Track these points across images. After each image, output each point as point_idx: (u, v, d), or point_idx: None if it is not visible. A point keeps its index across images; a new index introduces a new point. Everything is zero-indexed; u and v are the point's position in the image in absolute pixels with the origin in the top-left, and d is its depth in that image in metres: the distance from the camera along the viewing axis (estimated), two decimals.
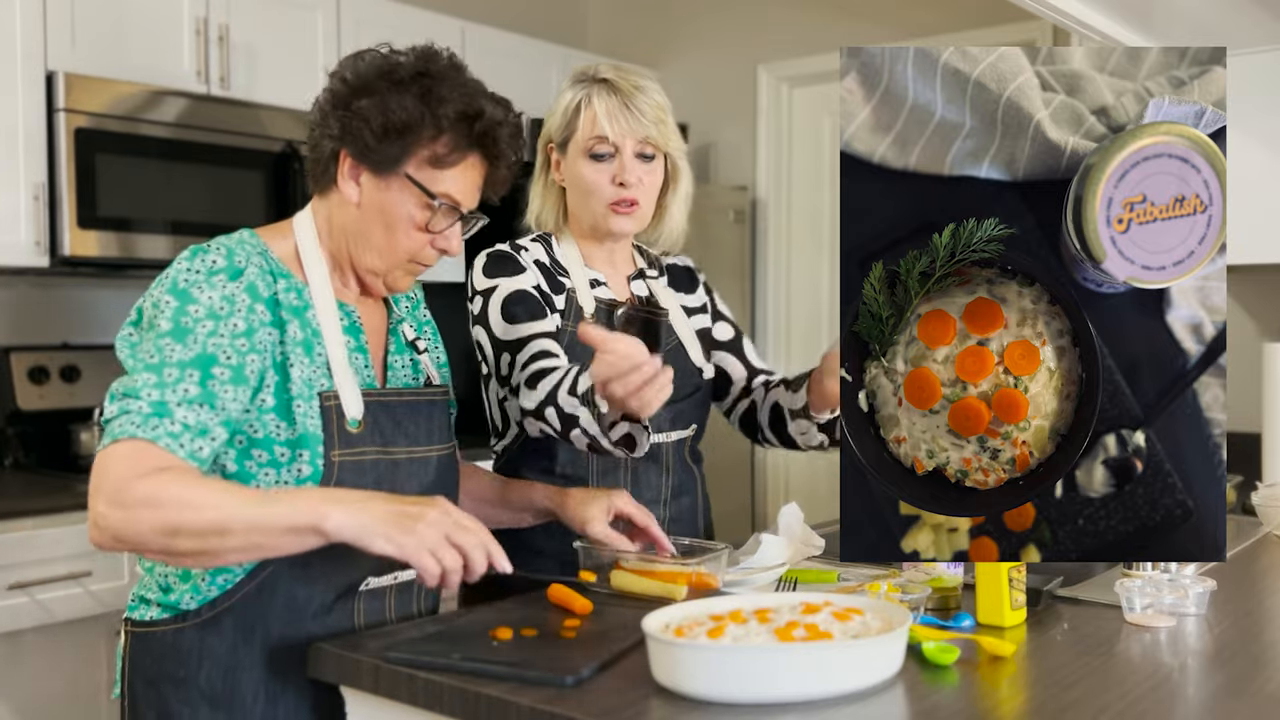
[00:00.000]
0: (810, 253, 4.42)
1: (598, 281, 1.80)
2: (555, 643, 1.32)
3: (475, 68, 1.49)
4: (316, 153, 1.45)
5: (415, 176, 1.41)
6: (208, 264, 1.36)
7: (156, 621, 1.40)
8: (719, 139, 4.57)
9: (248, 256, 1.39)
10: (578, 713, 1.11)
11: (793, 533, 1.82)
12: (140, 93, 2.93)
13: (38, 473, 2.98)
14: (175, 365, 1.30)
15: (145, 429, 1.26)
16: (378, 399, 1.44)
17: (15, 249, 2.78)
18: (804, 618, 1.23)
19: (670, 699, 1.15)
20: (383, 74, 1.40)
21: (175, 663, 1.38)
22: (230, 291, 1.35)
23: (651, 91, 1.74)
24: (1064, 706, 1.15)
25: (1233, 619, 1.49)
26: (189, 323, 1.32)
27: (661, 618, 1.25)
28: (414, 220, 1.42)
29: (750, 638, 1.19)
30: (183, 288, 1.34)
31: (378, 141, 1.39)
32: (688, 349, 1.85)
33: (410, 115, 1.38)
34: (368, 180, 1.42)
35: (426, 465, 1.49)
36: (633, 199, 1.72)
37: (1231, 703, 1.18)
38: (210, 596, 1.38)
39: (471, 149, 1.43)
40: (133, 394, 1.28)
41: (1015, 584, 1.43)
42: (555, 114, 1.76)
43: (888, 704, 1.15)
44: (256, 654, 1.39)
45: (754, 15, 4.44)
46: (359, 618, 1.45)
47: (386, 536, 1.24)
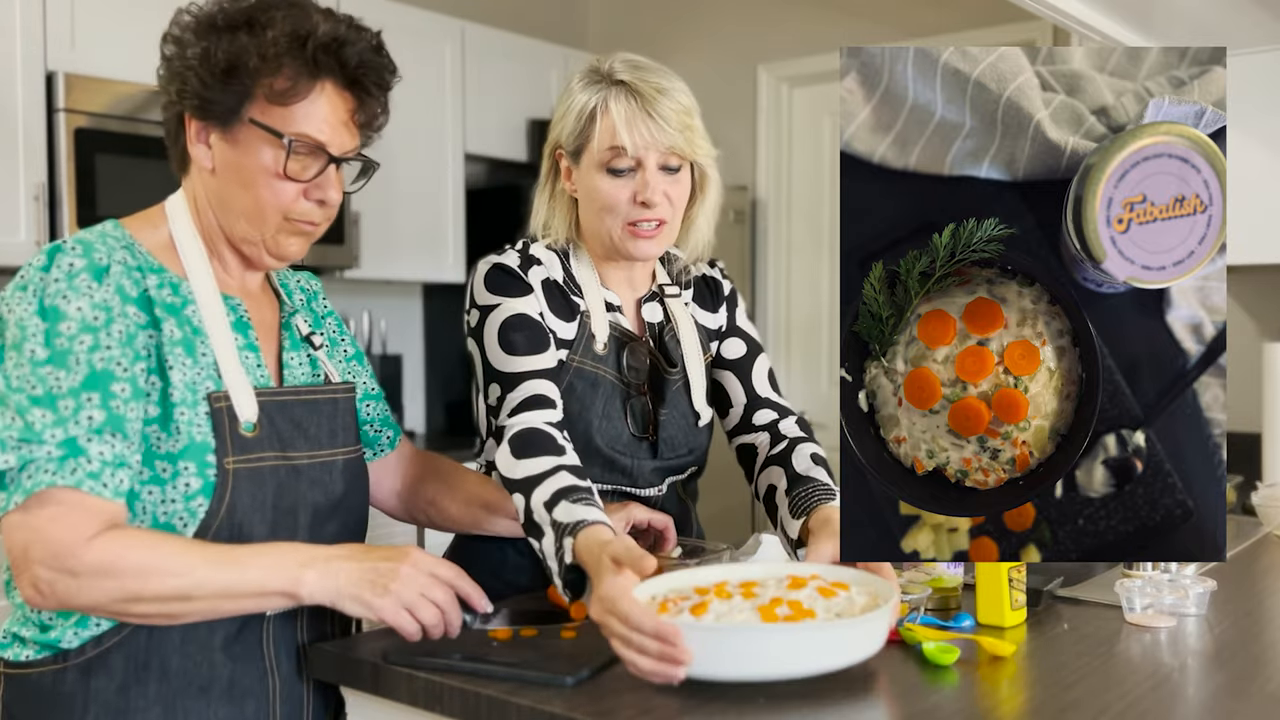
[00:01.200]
0: (810, 253, 4.42)
1: (611, 305, 1.65)
2: (555, 643, 1.32)
3: (475, 68, 1.48)
4: (165, 126, 1.35)
5: (261, 120, 1.27)
6: (65, 267, 1.21)
7: (33, 662, 1.25)
8: (719, 139, 4.53)
9: (109, 251, 1.25)
10: (578, 713, 1.11)
11: None
12: (140, 93, 2.92)
13: None
14: (68, 394, 1.17)
15: (62, 474, 1.15)
16: (273, 399, 1.32)
17: (15, 249, 2.78)
18: (789, 593, 1.23)
19: (670, 699, 1.15)
20: (209, 21, 1.28)
21: (57, 708, 1.24)
22: (101, 297, 1.21)
23: (676, 94, 1.55)
24: (1064, 706, 1.15)
25: (1233, 619, 1.49)
26: (64, 343, 1.18)
27: (648, 589, 1.24)
28: (271, 169, 1.28)
29: (733, 614, 1.19)
30: (49, 304, 1.19)
31: (209, 90, 1.25)
32: (692, 393, 1.68)
33: (235, 52, 1.25)
34: (217, 141, 1.30)
35: (331, 470, 1.37)
36: (657, 219, 1.55)
37: (1231, 703, 1.18)
38: (95, 633, 1.24)
39: (319, 75, 1.27)
40: (33, 439, 1.15)
41: (1015, 584, 1.43)
42: (567, 118, 1.57)
43: (887, 704, 1.16)
44: (150, 693, 1.25)
45: (754, 15, 4.44)
46: (269, 645, 1.33)
47: (360, 600, 1.21)
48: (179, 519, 1.25)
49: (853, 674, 1.23)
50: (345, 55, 1.28)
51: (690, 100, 1.58)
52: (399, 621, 1.21)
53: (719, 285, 1.80)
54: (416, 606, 1.22)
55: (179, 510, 1.25)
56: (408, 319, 4.21)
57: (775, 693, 1.17)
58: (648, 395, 1.65)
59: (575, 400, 1.58)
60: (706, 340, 1.74)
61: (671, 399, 1.66)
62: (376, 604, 1.21)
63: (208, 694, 1.29)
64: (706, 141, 1.61)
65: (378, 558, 1.23)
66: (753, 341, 1.78)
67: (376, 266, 3.74)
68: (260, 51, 1.25)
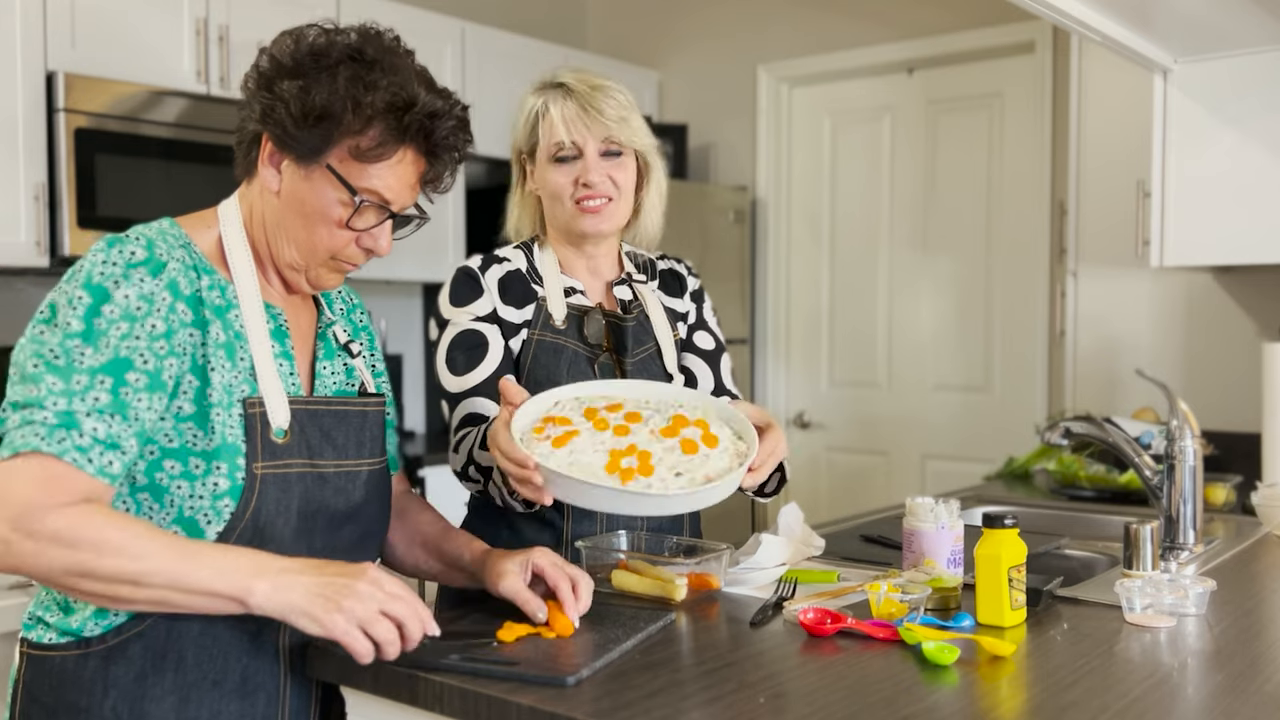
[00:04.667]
0: (810, 252, 4.42)
1: (573, 290, 1.77)
2: (555, 643, 1.32)
3: (475, 68, 1.49)
4: (240, 135, 1.36)
5: (338, 169, 1.30)
6: (126, 255, 1.24)
7: (55, 646, 1.28)
8: (719, 139, 4.57)
9: (169, 249, 1.27)
10: (578, 713, 1.11)
11: (793, 533, 1.82)
12: (140, 93, 2.93)
13: None
14: (85, 371, 1.19)
15: (50, 442, 1.16)
16: (305, 407, 1.34)
17: (15, 249, 2.79)
18: (652, 441, 1.40)
19: (670, 699, 1.15)
20: (313, 54, 1.30)
21: (76, 691, 1.27)
22: (150, 289, 1.24)
23: (611, 90, 1.72)
24: (1064, 706, 1.15)
25: (1233, 619, 1.49)
26: (102, 324, 1.21)
27: (550, 399, 1.47)
28: (334, 216, 1.32)
29: (587, 452, 1.38)
30: (98, 283, 1.22)
31: (296, 128, 1.28)
32: (664, 356, 1.80)
33: (332, 102, 1.27)
34: (289, 168, 1.32)
35: (355, 480, 1.39)
36: (601, 195, 1.70)
37: (1231, 702, 1.18)
38: (116, 623, 1.27)
39: (403, 142, 1.31)
40: (35, 403, 1.17)
41: (1015, 584, 1.43)
42: (519, 124, 1.76)
43: (887, 704, 1.16)
44: (167, 683, 1.28)
45: (754, 15, 4.44)
46: (285, 643, 1.34)
47: (311, 616, 1.16)
48: (204, 515, 1.27)
49: (852, 673, 1.24)
50: (435, 128, 1.32)
51: (627, 98, 1.74)
52: (350, 641, 1.16)
53: (684, 278, 1.92)
54: (370, 623, 1.17)
55: (205, 508, 1.27)
56: (408, 319, 4.21)
57: (775, 692, 1.18)
58: (613, 354, 1.75)
59: (541, 368, 1.70)
60: (674, 321, 1.86)
61: (642, 363, 1.76)
62: (326, 620, 1.16)
63: (220, 687, 1.31)
64: (646, 132, 1.76)
65: (334, 573, 1.20)
66: (719, 340, 1.91)
67: (376, 266, 3.73)
68: (356, 109, 1.27)
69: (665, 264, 1.91)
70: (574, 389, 1.52)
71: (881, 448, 4.24)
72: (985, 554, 1.44)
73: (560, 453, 1.38)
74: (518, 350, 1.71)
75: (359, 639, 1.17)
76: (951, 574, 1.54)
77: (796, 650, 1.34)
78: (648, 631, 1.36)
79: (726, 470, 1.40)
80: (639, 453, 1.39)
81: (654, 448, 1.40)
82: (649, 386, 1.54)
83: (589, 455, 1.38)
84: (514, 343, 1.71)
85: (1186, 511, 1.95)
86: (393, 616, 1.18)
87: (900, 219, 4.18)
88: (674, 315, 1.86)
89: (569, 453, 1.38)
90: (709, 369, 1.85)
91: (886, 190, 4.21)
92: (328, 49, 1.30)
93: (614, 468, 1.37)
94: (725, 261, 4.30)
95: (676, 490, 1.36)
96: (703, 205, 4.21)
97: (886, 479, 4.20)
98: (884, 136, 4.22)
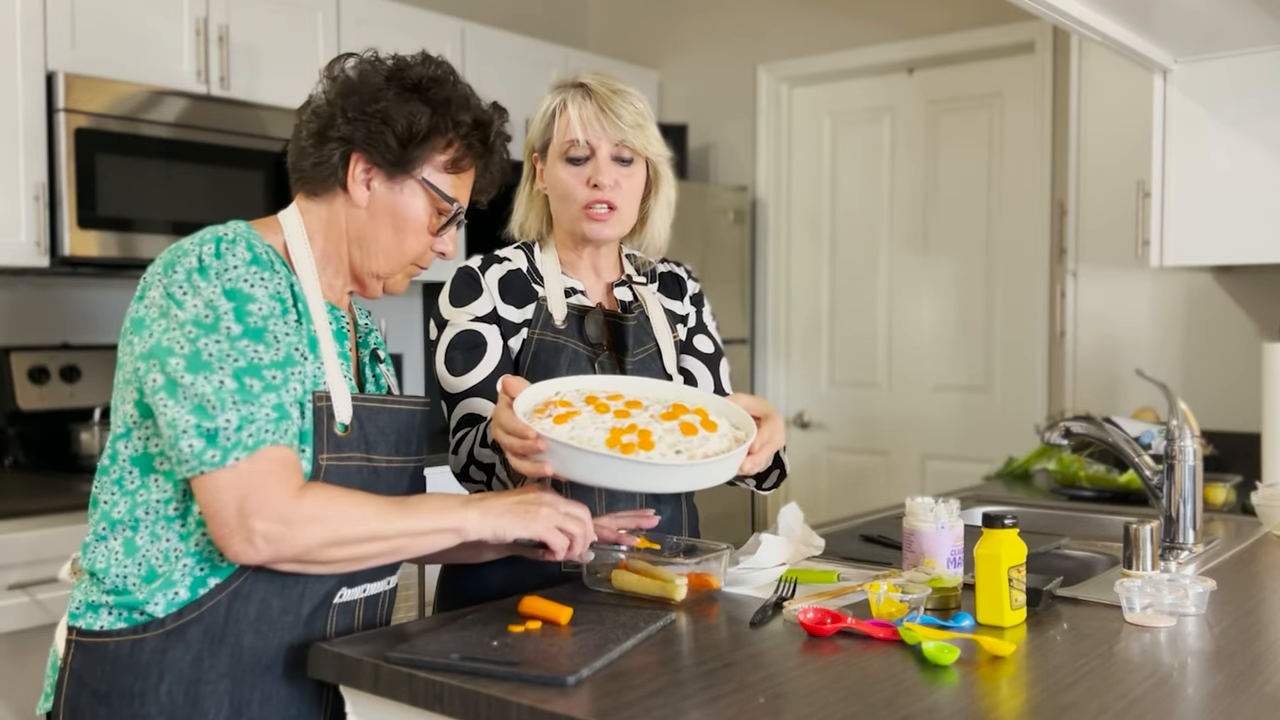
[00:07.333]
0: (810, 253, 4.42)
1: (574, 289, 1.77)
2: (555, 643, 1.32)
3: (475, 68, 1.52)
4: (320, 155, 1.42)
5: (432, 181, 1.44)
6: (239, 256, 1.32)
7: (111, 631, 1.33)
8: (719, 139, 4.57)
9: (265, 249, 1.36)
10: (578, 713, 1.11)
11: (793, 533, 1.82)
12: (140, 93, 2.93)
13: (38, 473, 2.98)
14: (271, 366, 1.30)
15: (280, 434, 1.29)
16: (362, 404, 1.42)
17: (15, 249, 2.78)
18: (653, 422, 1.42)
19: (670, 700, 1.15)
20: (390, 78, 1.42)
21: (131, 675, 1.32)
22: (274, 287, 1.34)
23: (631, 97, 1.73)
24: (1064, 706, 1.15)
25: (1233, 619, 1.49)
26: (257, 322, 1.31)
27: (550, 389, 1.49)
28: (423, 223, 1.45)
29: (588, 428, 1.40)
30: (231, 288, 1.31)
31: (401, 147, 1.40)
32: (664, 357, 1.80)
33: (435, 123, 1.41)
34: (380, 185, 1.43)
35: (403, 476, 1.48)
36: (607, 201, 1.70)
37: (1231, 702, 1.18)
38: (182, 601, 1.32)
39: (483, 155, 1.48)
40: (251, 399, 1.27)
41: (1015, 584, 1.43)
42: (535, 121, 1.76)
43: (887, 704, 1.16)
44: (222, 665, 1.34)
45: (754, 15, 4.44)
46: (331, 627, 1.41)
47: (521, 524, 1.37)
48: None
49: (852, 673, 1.24)
50: (496, 142, 1.51)
51: (645, 106, 1.75)
52: (553, 538, 1.38)
53: (684, 281, 1.93)
54: (564, 523, 1.39)
55: None
56: (408, 319, 4.21)
57: (775, 692, 1.18)
58: (613, 354, 1.75)
59: (541, 367, 1.70)
60: (673, 323, 1.86)
61: (642, 363, 1.76)
62: (534, 524, 1.37)
63: (272, 671, 1.37)
64: (660, 143, 1.77)
65: (516, 496, 1.41)
66: (718, 344, 1.91)
67: None
68: (450, 128, 1.43)
69: (665, 267, 1.91)
70: (575, 380, 1.54)
71: (881, 448, 4.24)
72: (985, 554, 1.44)
73: (562, 429, 1.40)
74: (518, 349, 1.72)
75: (558, 537, 1.39)
76: (951, 574, 1.54)
77: (796, 650, 1.34)
78: (648, 631, 1.36)
79: (726, 450, 1.42)
80: (640, 431, 1.41)
81: (654, 428, 1.43)
82: (649, 382, 1.55)
83: (590, 431, 1.41)
84: (514, 342, 1.72)
85: (1186, 511, 1.95)
86: (566, 531, 1.40)
87: (900, 219, 4.18)
88: (674, 317, 1.87)
89: (570, 429, 1.41)
90: (708, 372, 1.85)
91: (886, 190, 4.21)
92: (402, 72, 1.43)
93: (615, 443, 1.39)
94: (725, 262, 4.30)
95: (679, 462, 1.37)
96: (703, 205, 4.21)
97: (886, 479, 4.21)
98: (884, 136, 4.22)
